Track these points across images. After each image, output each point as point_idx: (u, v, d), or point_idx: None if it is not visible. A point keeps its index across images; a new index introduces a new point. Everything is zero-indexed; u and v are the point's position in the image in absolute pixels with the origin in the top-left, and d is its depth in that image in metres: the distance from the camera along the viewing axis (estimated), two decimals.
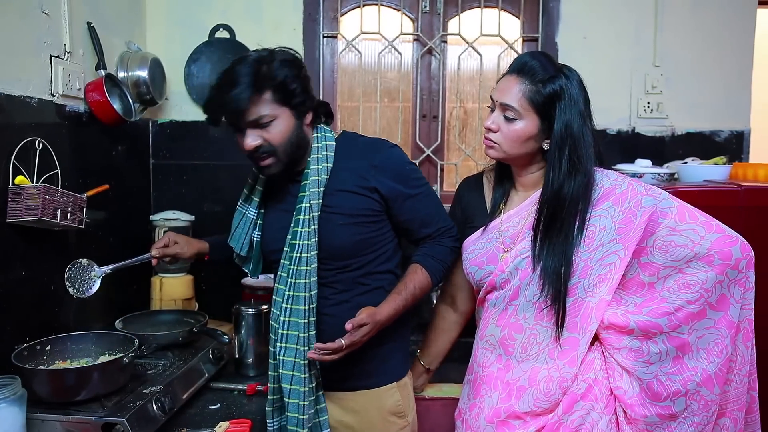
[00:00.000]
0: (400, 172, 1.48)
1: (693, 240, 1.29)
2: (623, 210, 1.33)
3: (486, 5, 2.42)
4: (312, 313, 1.41)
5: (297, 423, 1.40)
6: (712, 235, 1.29)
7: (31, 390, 1.35)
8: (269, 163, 1.43)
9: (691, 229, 1.30)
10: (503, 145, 1.38)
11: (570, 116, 1.33)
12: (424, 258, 1.50)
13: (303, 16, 2.38)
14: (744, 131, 2.43)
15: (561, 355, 1.34)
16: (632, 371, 1.32)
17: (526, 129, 1.36)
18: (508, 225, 1.43)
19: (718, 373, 1.29)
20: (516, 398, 1.36)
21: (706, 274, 1.28)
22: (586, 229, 1.33)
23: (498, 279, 1.40)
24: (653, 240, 1.31)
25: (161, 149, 2.39)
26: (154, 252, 1.57)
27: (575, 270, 1.33)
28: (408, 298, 1.45)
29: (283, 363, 1.42)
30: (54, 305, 1.72)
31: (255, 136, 1.40)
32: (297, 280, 1.41)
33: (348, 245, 1.45)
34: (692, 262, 1.29)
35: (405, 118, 2.49)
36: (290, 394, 1.41)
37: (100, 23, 1.95)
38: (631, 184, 1.37)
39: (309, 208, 1.42)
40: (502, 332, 1.41)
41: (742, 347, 1.34)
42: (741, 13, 2.39)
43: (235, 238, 1.58)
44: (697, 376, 1.29)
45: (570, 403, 1.33)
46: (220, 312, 2.17)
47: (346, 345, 1.33)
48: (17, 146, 1.53)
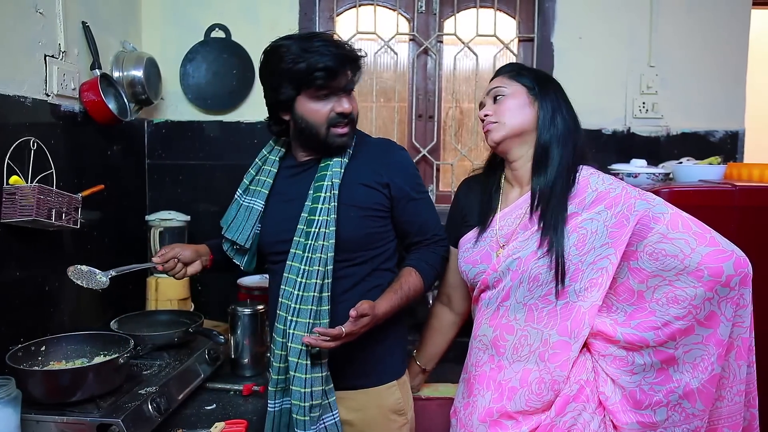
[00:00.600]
0: (410, 174, 1.53)
1: (683, 251, 1.25)
2: (616, 214, 1.32)
3: (482, 5, 2.42)
4: (326, 302, 1.40)
5: (301, 397, 1.38)
6: (704, 249, 1.24)
7: (26, 391, 1.34)
8: (348, 132, 1.47)
9: (682, 239, 1.26)
10: (502, 119, 1.42)
11: (554, 88, 1.44)
12: (417, 262, 1.52)
13: (299, 16, 2.38)
14: (738, 131, 2.44)
15: (552, 357, 1.34)
16: (616, 379, 1.32)
17: (517, 97, 1.42)
18: (503, 224, 1.43)
19: (702, 389, 1.27)
20: (508, 399, 1.36)
21: (695, 290, 1.23)
22: (577, 232, 1.33)
23: (491, 278, 1.40)
24: (644, 245, 1.29)
25: (157, 149, 2.39)
26: (156, 259, 1.54)
27: (566, 273, 1.32)
28: (403, 297, 1.45)
29: (292, 337, 1.39)
30: (49, 306, 1.72)
31: (349, 102, 1.45)
32: (311, 268, 1.40)
33: (359, 237, 1.46)
34: (681, 275, 1.25)
35: (401, 118, 2.49)
36: (297, 368, 1.39)
37: (95, 23, 1.94)
38: (625, 188, 1.36)
39: (330, 197, 1.42)
40: (494, 333, 1.41)
41: (734, 365, 1.31)
42: (735, 13, 2.40)
43: (235, 230, 1.55)
44: (679, 389, 1.27)
45: (562, 405, 1.33)
46: (215, 312, 2.17)
47: (346, 333, 1.33)
48: (11, 146, 1.53)
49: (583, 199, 1.36)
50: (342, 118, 1.44)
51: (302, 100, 1.44)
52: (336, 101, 1.43)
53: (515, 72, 1.46)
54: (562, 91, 1.45)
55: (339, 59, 1.40)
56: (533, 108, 1.41)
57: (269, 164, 1.57)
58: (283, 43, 1.42)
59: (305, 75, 1.39)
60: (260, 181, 1.56)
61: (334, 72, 1.39)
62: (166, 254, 1.54)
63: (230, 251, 1.61)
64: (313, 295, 1.39)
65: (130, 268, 1.56)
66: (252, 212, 1.54)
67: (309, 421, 1.39)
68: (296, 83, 1.41)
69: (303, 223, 1.44)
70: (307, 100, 1.43)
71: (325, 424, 1.42)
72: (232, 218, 1.57)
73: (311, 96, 1.42)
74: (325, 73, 1.38)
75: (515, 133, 1.42)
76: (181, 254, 1.55)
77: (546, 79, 1.46)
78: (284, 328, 1.42)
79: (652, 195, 1.36)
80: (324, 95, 1.42)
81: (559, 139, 1.39)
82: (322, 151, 1.49)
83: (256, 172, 1.58)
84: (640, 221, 1.30)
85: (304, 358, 1.39)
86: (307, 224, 1.43)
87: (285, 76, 1.41)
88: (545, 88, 1.42)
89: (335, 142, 1.46)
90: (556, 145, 1.38)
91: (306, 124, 1.45)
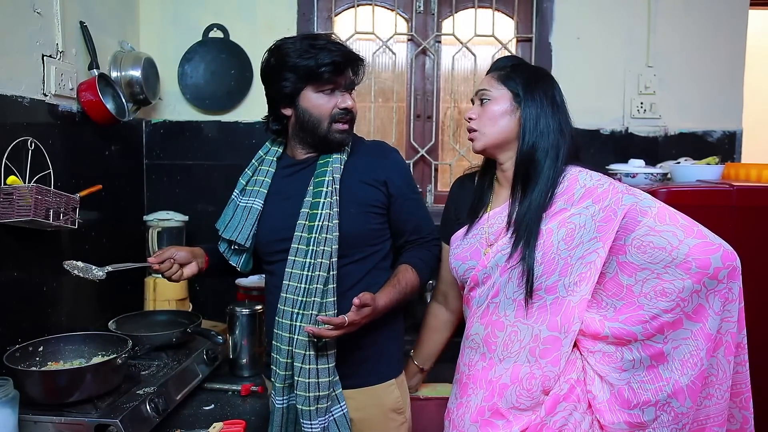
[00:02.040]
0: (406, 174, 1.58)
1: (671, 243, 1.26)
2: (603, 208, 1.33)
3: (480, 5, 2.42)
4: (332, 293, 1.41)
5: (307, 388, 1.38)
6: (691, 241, 1.25)
7: (24, 391, 1.34)
8: (348, 128, 1.51)
9: (670, 231, 1.27)
10: (482, 128, 1.42)
11: (542, 90, 1.40)
12: (413, 259, 1.54)
13: (297, 16, 2.38)
14: (736, 131, 2.44)
15: (543, 353, 1.34)
16: (604, 376, 1.32)
17: (500, 104, 1.41)
18: (493, 222, 1.44)
19: (691, 386, 1.27)
20: (499, 396, 1.36)
21: (683, 283, 1.24)
22: (566, 227, 1.33)
23: (480, 274, 1.41)
24: (632, 238, 1.30)
25: (154, 149, 2.39)
26: (152, 259, 1.52)
27: (555, 268, 1.33)
28: (401, 292, 1.47)
29: (299, 330, 1.40)
30: (46, 306, 1.71)
31: (351, 99, 1.49)
32: (315, 261, 1.41)
33: (358, 234, 1.48)
34: (669, 267, 1.26)
35: (399, 118, 2.49)
36: (304, 359, 1.39)
37: (92, 23, 1.94)
38: (613, 184, 1.37)
39: (331, 191, 1.44)
40: (485, 330, 1.41)
41: (723, 361, 1.30)
42: (733, 14, 2.40)
43: (233, 230, 1.54)
44: (668, 387, 1.27)
45: (553, 404, 1.33)
46: (214, 312, 2.17)
47: (349, 322, 1.35)
48: (9, 146, 1.53)
49: (571, 195, 1.36)
50: (344, 114, 1.48)
51: (307, 94, 1.47)
52: (340, 97, 1.48)
53: (505, 74, 1.43)
54: (552, 93, 1.41)
55: (345, 56, 1.46)
56: (515, 116, 1.40)
57: (266, 164, 1.57)
58: (289, 40, 1.48)
59: (313, 69, 1.43)
60: (258, 181, 1.56)
61: (340, 67, 1.44)
62: (162, 254, 1.53)
63: (227, 252, 1.60)
64: (319, 287, 1.40)
65: (127, 265, 1.55)
66: (251, 212, 1.54)
67: (315, 412, 1.39)
68: (303, 77, 1.45)
69: (304, 218, 1.45)
70: (313, 94, 1.47)
71: (334, 417, 1.42)
72: (230, 219, 1.56)
73: (316, 90, 1.46)
74: (332, 67, 1.43)
75: (494, 144, 1.42)
76: (177, 255, 1.53)
77: (535, 81, 1.41)
78: (290, 322, 1.42)
79: (639, 190, 1.37)
80: (329, 90, 1.47)
81: (544, 150, 1.37)
82: (322, 147, 1.51)
83: (253, 172, 1.58)
84: (628, 215, 1.31)
85: (312, 350, 1.40)
86: (309, 219, 1.44)
87: (292, 69, 1.45)
88: (531, 93, 1.39)
89: (335, 138, 1.49)
90: (540, 155, 1.37)
91: (309, 117, 1.48)
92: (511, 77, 1.42)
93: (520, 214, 1.36)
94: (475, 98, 1.47)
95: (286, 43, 1.47)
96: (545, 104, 1.40)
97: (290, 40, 1.48)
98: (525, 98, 1.39)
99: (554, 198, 1.36)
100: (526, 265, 1.33)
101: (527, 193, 1.37)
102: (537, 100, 1.39)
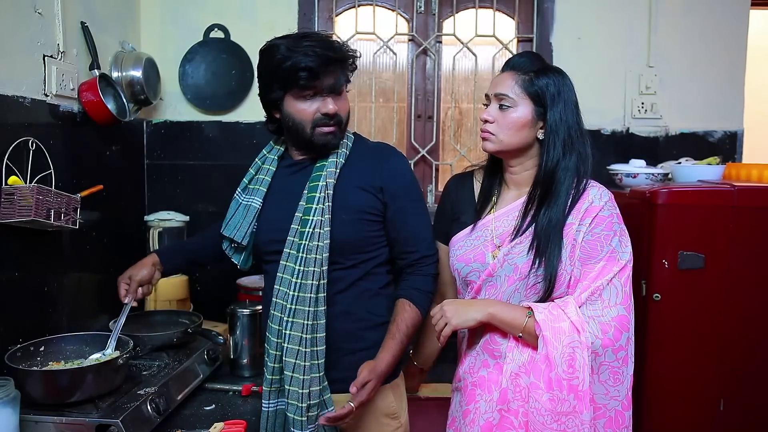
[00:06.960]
0: (405, 181, 1.52)
1: (609, 302, 1.32)
2: (593, 231, 1.35)
3: (481, 6, 2.42)
4: (323, 302, 1.41)
5: (299, 398, 1.38)
6: (622, 310, 1.32)
7: (25, 391, 1.34)
8: (335, 132, 1.46)
9: (616, 291, 1.33)
10: (499, 134, 1.40)
11: (564, 103, 1.37)
12: (408, 292, 1.50)
13: (298, 17, 2.38)
14: (737, 131, 2.44)
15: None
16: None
17: (521, 115, 1.38)
18: (498, 224, 1.43)
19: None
20: (511, 396, 1.36)
21: (599, 341, 1.30)
22: (571, 243, 1.35)
23: (485, 279, 1.40)
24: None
25: (155, 149, 2.39)
26: (128, 300, 1.63)
27: (563, 282, 1.34)
28: (403, 339, 1.45)
29: (288, 337, 1.40)
30: (47, 306, 1.71)
31: (334, 103, 1.44)
32: (306, 268, 1.40)
33: (351, 240, 1.46)
34: (592, 320, 1.31)
35: (400, 118, 2.49)
36: (294, 368, 1.39)
37: (93, 23, 1.94)
38: (613, 215, 1.38)
39: (324, 197, 1.42)
40: (488, 334, 1.40)
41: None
42: (734, 13, 2.40)
43: (233, 228, 1.55)
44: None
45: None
46: (215, 313, 2.17)
47: (356, 406, 1.35)
48: (10, 146, 1.53)
49: (579, 209, 1.37)
50: (327, 119, 1.44)
51: (289, 100, 1.45)
52: (321, 102, 1.44)
53: (528, 81, 1.38)
54: (574, 100, 1.40)
55: (322, 60, 1.39)
56: (534, 128, 1.39)
57: (268, 163, 1.57)
58: (276, 42, 1.44)
59: (290, 74, 1.40)
60: (259, 179, 1.56)
61: (315, 73, 1.39)
62: (131, 288, 1.62)
63: (228, 250, 1.62)
64: (310, 296, 1.39)
65: (118, 326, 1.60)
66: (250, 210, 1.54)
67: (306, 421, 1.39)
68: (282, 82, 1.43)
69: (297, 223, 1.44)
70: (293, 99, 1.44)
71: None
72: (231, 216, 1.57)
73: (296, 96, 1.43)
74: (308, 73, 1.39)
75: (509, 151, 1.42)
76: (138, 276, 1.63)
77: (558, 94, 1.37)
78: (279, 328, 1.42)
79: (627, 236, 1.38)
80: (309, 95, 1.43)
81: (565, 168, 1.37)
82: (311, 150, 1.50)
83: (256, 171, 1.58)
84: (606, 259, 1.34)
85: (302, 359, 1.39)
86: (302, 224, 1.43)
87: (273, 75, 1.43)
88: (557, 109, 1.37)
89: (320, 141, 1.46)
90: (561, 173, 1.37)
91: (293, 123, 1.46)
92: (535, 87, 1.37)
93: (540, 228, 1.35)
94: (492, 99, 1.42)
95: (273, 46, 1.43)
96: (572, 123, 1.38)
97: (277, 42, 1.43)
98: (552, 117, 1.37)
99: (571, 213, 1.37)
100: (548, 282, 1.34)
101: (547, 206, 1.36)
102: (564, 122, 1.37)
